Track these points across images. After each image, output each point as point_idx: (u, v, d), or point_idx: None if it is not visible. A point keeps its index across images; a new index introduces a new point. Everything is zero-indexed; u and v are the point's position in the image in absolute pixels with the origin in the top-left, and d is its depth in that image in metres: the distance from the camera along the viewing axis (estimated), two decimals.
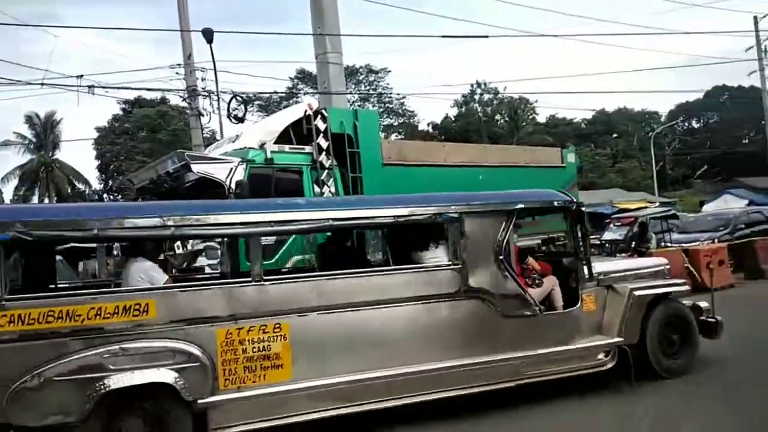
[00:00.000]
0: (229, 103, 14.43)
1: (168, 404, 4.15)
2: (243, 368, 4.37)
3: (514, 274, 5.39)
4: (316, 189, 7.89)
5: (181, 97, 16.57)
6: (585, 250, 5.69)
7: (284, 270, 6.71)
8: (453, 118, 50.75)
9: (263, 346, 4.43)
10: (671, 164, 49.62)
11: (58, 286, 5.66)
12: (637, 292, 5.66)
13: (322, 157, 7.95)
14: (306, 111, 8.06)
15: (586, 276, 5.63)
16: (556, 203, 5.91)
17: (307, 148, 8.00)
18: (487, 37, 13.46)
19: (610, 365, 5.48)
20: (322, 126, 8.05)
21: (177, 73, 15.15)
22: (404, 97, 44.64)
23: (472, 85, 47.96)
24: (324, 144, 8.01)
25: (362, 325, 4.76)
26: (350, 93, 38.07)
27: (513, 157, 10.84)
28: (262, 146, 7.66)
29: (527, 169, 10.68)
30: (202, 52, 19.83)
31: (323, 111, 8.21)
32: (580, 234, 5.70)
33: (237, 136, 8.58)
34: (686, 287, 6.24)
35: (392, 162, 8.75)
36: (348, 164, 8.21)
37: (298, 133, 8.09)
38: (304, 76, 41.01)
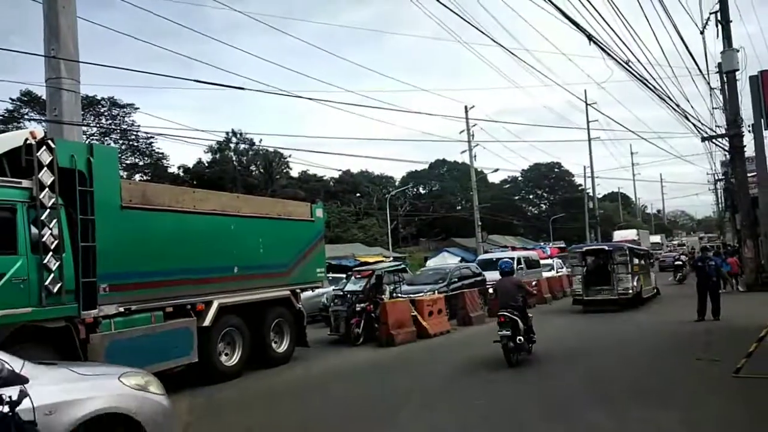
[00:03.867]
0: None
1: None
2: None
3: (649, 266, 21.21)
4: (34, 230, 6.74)
5: None
6: (651, 261, 23.29)
7: None
8: (206, 164, 49.24)
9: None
10: (403, 223, 56.19)
11: None
12: (655, 273, 22.92)
13: (44, 195, 6.87)
14: (27, 140, 6.92)
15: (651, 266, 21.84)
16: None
17: (25, 183, 6.84)
18: (243, 88, 13.58)
19: (657, 294, 20.37)
20: (47, 158, 6.98)
21: None
22: (152, 137, 41.65)
23: (227, 133, 47.48)
24: (48, 179, 6.94)
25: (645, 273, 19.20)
26: (87, 125, 33.94)
27: (266, 208, 10.92)
28: None
29: (279, 221, 10.89)
30: None
31: (50, 141, 7.15)
32: (646, 259, 20.24)
33: None
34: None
35: (133, 205, 7.99)
36: (78, 204, 7.25)
37: (14, 164, 6.88)
38: (30, 100, 35.32)
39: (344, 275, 17.12)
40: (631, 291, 16.47)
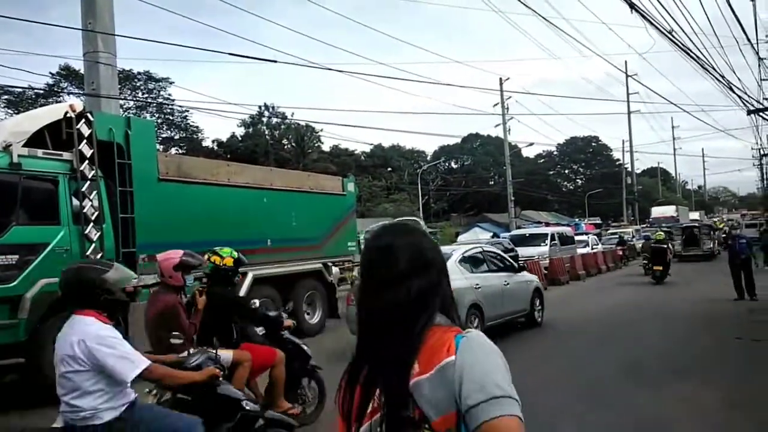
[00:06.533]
0: None
1: None
2: None
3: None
4: (75, 202, 6.93)
5: None
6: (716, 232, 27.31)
7: None
8: (240, 138, 49.77)
9: None
10: (434, 198, 55.91)
11: None
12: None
13: (84, 166, 7.04)
14: (67, 113, 7.07)
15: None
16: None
17: (66, 155, 7.01)
18: (276, 62, 13.53)
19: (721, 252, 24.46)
20: (86, 131, 7.13)
21: None
22: (187, 111, 42.27)
23: (260, 107, 47.81)
24: (87, 151, 7.10)
25: None
26: (124, 99, 34.62)
27: (298, 181, 10.99)
28: (6, 148, 6.46)
29: (311, 194, 10.95)
30: None
31: (89, 115, 7.29)
32: (715, 231, 27.31)
33: None
34: None
35: (170, 178, 8.14)
36: (116, 177, 7.41)
37: (55, 137, 7.05)
38: (68, 74, 36.14)
39: None
40: (709, 250, 26.38)
